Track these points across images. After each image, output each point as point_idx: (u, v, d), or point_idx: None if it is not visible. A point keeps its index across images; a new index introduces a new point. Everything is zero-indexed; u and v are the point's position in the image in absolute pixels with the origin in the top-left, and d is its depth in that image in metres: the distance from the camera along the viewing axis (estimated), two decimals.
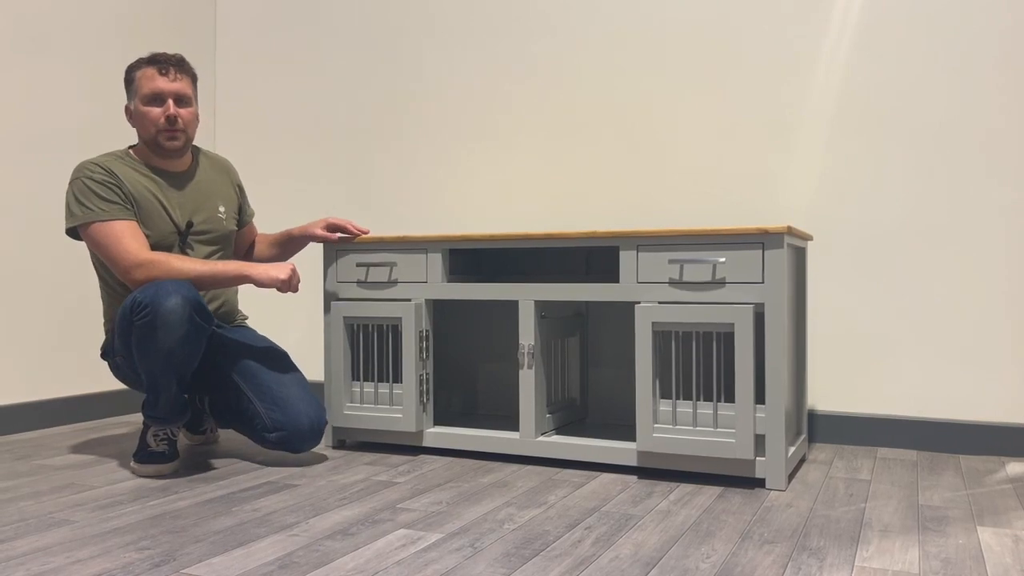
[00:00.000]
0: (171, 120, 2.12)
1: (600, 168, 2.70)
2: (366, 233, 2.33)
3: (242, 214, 2.41)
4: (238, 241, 2.44)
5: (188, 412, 2.11)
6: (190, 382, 2.16)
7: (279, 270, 2.08)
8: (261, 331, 3.15)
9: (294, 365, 2.24)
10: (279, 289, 2.08)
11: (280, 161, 3.19)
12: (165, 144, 2.14)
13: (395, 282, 2.29)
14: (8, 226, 2.60)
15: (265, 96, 3.24)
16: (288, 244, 2.44)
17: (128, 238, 2.03)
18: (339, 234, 2.32)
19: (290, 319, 3.15)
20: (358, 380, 2.33)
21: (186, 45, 3.17)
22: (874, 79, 2.38)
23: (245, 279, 2.08)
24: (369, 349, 2.33)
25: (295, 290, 2.11)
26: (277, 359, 2.22)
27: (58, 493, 1.89)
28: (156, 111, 2.12)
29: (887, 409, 2.37)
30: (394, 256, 2.30)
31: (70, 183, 2.09)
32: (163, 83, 2.13)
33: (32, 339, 2.67)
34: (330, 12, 3.13)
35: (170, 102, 2.13)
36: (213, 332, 2.17)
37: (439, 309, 2.64)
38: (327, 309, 2.35)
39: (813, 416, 2.43)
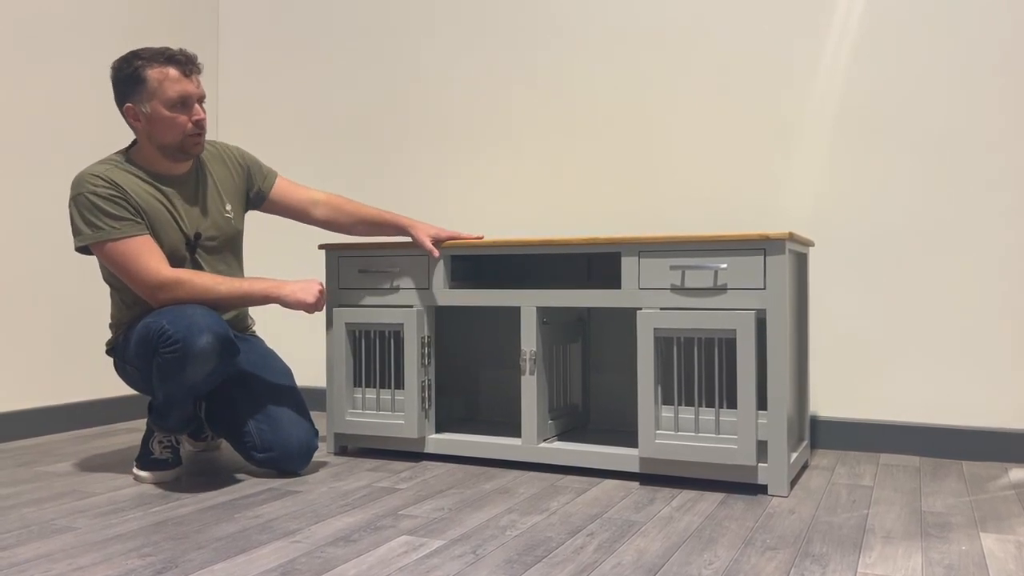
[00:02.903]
0: (199, 124, 2.03)
1: (602, 173, 2.70)
2: (480, 238, 2.23)
3: (264, 181, 2.27)
4: (283, 202, 2.29)
5: (194, 421, 2.11)
6: None
7: (307, 292, 2.02)
8: (263, 335, 3.15)
9: (294, 385, 2.22)
10: (307, 311, 2.03)
11: (281, 164, 3.19)
12: (192, 150, 2.04)
13: (397, 288, 2.30)
14: (11, 231, 2.61)
15: (267, 99, 3.25)
16: (384, 230, 2.30)
17: (146, 256, 1.95)
18: (438, 250, 2.21)
19: (292, 325, 3.15)
20: (360, 386, 2.33)
21: (188, 46, 3.17)
22: (875, 85, 2.38)
23: (273, 300, 2.02)
24: (371, 355, 2.33)
25: (321, 309, 2.06)
26: (278, 377, 2.20)
27: (60, 500, 1.89)
28: (183, 118, 2.00)
29: (889, 415, 2.37)
30: (396, 262, 2.30)
31: (72, 198, 1.97)
32: (190, 86, 2.00)
33: (34, 345, 2.67)
34: (332, 14, 3.14)
35: (197, 106, 2.03)
36: None
37: (441, 315, 2.64)
38: (329, 315, 2.35)
39: (815, 422, 2.42)
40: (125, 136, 2.91)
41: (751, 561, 1.47)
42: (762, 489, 1.95)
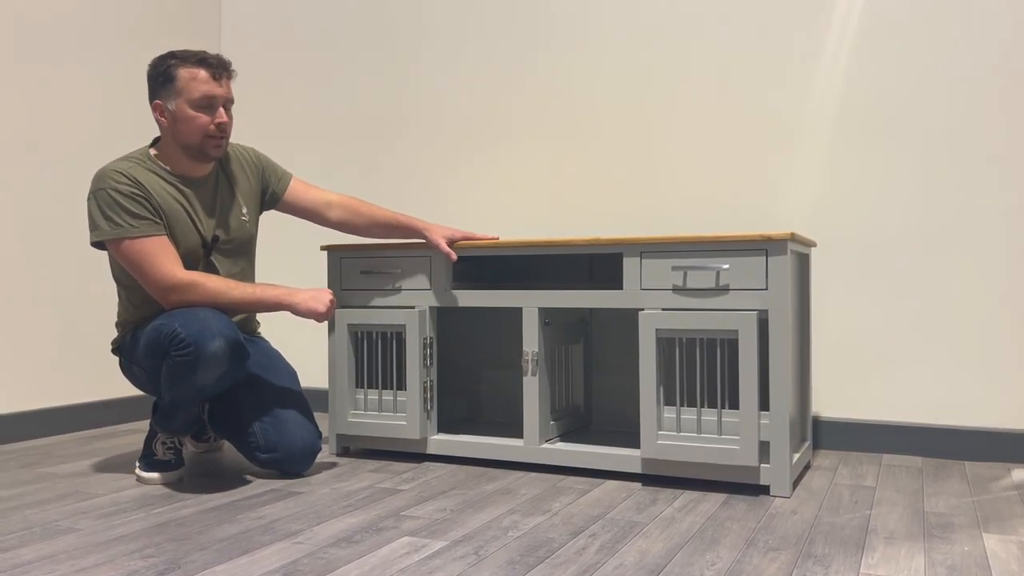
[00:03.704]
0: (221, 128, 2.04)
1: (604, 174, 2.70)
2: (495, 239, 2.22)
3: (278, 183, 2.28)
4: (297, 203, 2.29)
5: (199, 422, 2.12)
6: None
7: (318, 301, 2.04)
8: (266, 337, 3.15)
9: (299, 387, 2.22)
10: (317, 320, 2.05)
11: (281, 162, 3.19)
12: (211, 152, 2.05)
13: (399, 289, 2.30)
14: (14, 232, 2.61)
15: (268, 100, 3.26)
16: (398, 232, 2.29)
17: (161, 256, 1.96)
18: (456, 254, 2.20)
19: (295, 327, 3.15)
20: (362, 387, 2.33)
21: (190, 44, 3.17)
22: (876, 85, 2.38)
23: (284, 308, 2.04)
24: (373, 356, 2.33)
25: (330, 318, 2.09)
26: (283, 379, 2.20)
27: (63, 501, 1.89)
28: (206, 118, 2.01)
29: (892, 415, 2.36)
30: (398, 263, 2.30)
31: (93, 192, 1.99)
32: (216, 88, 2.02)
33: (36, 347, 2.68)
34: (334, 16, 3.14)
35: (221, 109, 2.04)
36: None
37: (443, 316, 2.64)
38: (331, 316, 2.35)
39: (817, 422, 2.42)
40: (130, 135, 2.92)
41: (753, 562, 1.47)
42: (764, 490, 1.95)
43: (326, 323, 3.06)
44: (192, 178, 2.10)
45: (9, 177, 2.60)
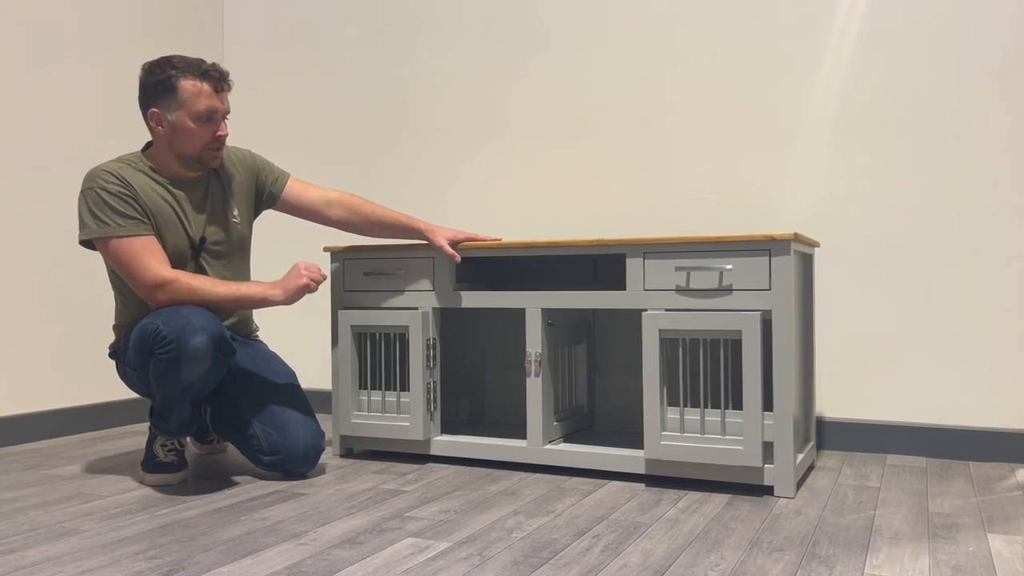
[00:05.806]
0: (220, 140, 2.05)
1: (606, 175, 2.70)
2: (498, 240, 2.22)
3: (275, 184, 2.28)
4: (295, 203, 2.29)
5: (196, 423, 2.12)
6: None
7: (297, 279, 2.04)
8: (269, 338, 3.15)
9: (299, 387, 2.22)
10: (310, 293, 2.06)
11: (283, 166, 3.20)
12: (209, 162, 2.07)
13: (402, 290, 2.30)
14: (15, 234, 2.62)
15: (269, 102, 3.26)
16: (399, 232, 2.29)
17: (148, 256, 1.97)
18: (460, 256, 2.20)
19: (297, 327, 3.16)
20: (366, 388, 2.33)
21: (193, 45, 3.18)
22: (880, 84, 2.38)
23: (268, 304, 2.04)
24: (376, 357, 2.33)
25: (322, 280, 2.07)
26: (282, 380, 2.20)
27: (67, 503, 1.90)
28: (206, 132, 2.02)
29: (896, 416, 2.36)
30: (401, 264, 2.30)
31: (83, 192, 2.00)
32: (218, 103, 2.03)
33: (40, 349, 2.68)
34: (335, 17, 3.15)
35: (222, 122, 2.05)
36: None
37: (446, 317, 2.64)
38: (334, 317, 2.35)
39: (821, 423, 2.42)
40: (132, 135, 2.92)
41: (757, 563, 1.47)
42: (768, 490, 1.95)
43: (329, 323, 3.06)
44: (183, 180, 2.11)
45: (10, 178, 2.61)
